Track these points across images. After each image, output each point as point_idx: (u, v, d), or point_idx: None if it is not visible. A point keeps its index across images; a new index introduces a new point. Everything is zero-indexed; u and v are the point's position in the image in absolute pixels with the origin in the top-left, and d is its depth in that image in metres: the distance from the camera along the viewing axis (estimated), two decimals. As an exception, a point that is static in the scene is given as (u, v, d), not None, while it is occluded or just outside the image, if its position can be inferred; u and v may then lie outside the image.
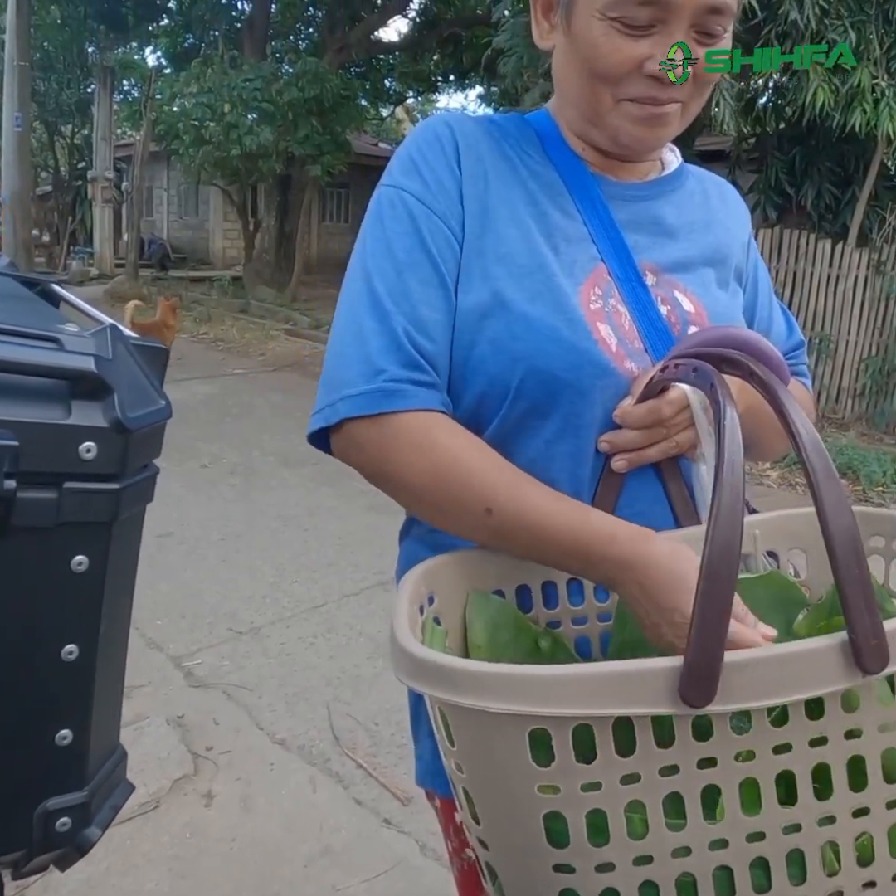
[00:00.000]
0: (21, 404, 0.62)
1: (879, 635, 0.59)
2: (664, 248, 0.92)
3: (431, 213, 0.86)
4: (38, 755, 0.66)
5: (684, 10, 0.77)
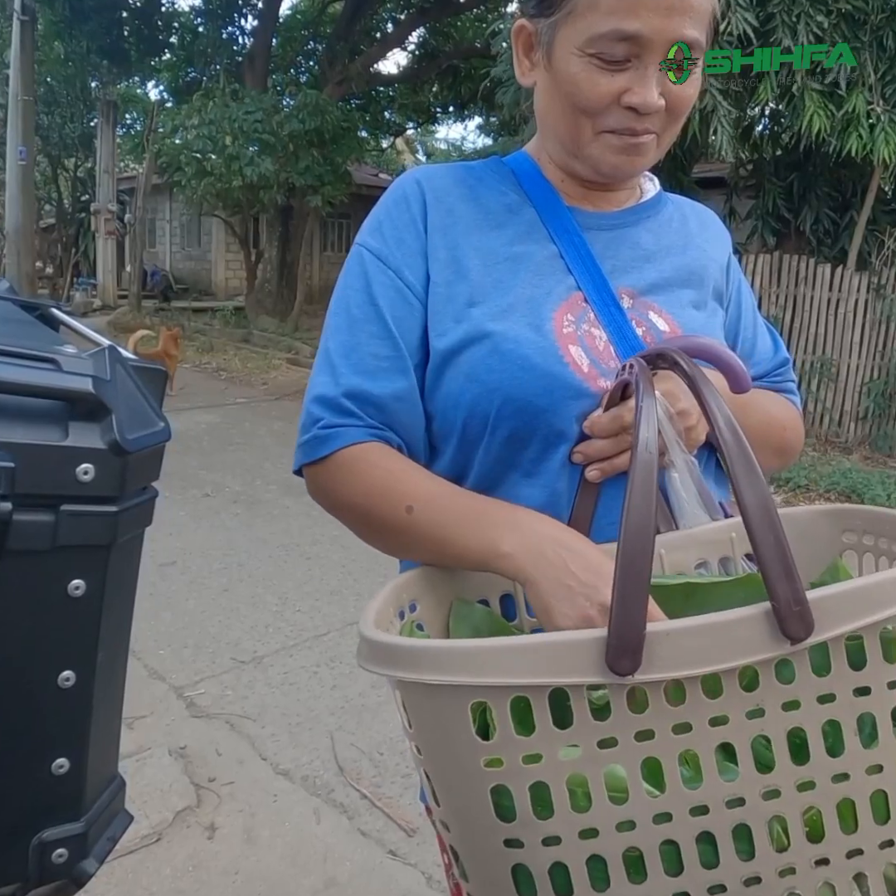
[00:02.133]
0: (18, 425, 0.61)
1: (801, 602, 0.59)
2: (641, 271, 0.96)
3: (386, 269, 0.93)
4: (34, 784, 0.65)
5: (657, 45, 0.82)
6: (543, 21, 0.88)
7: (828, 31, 5.59)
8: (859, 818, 0.65)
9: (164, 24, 15.58)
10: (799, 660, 0.62)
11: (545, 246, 0.94)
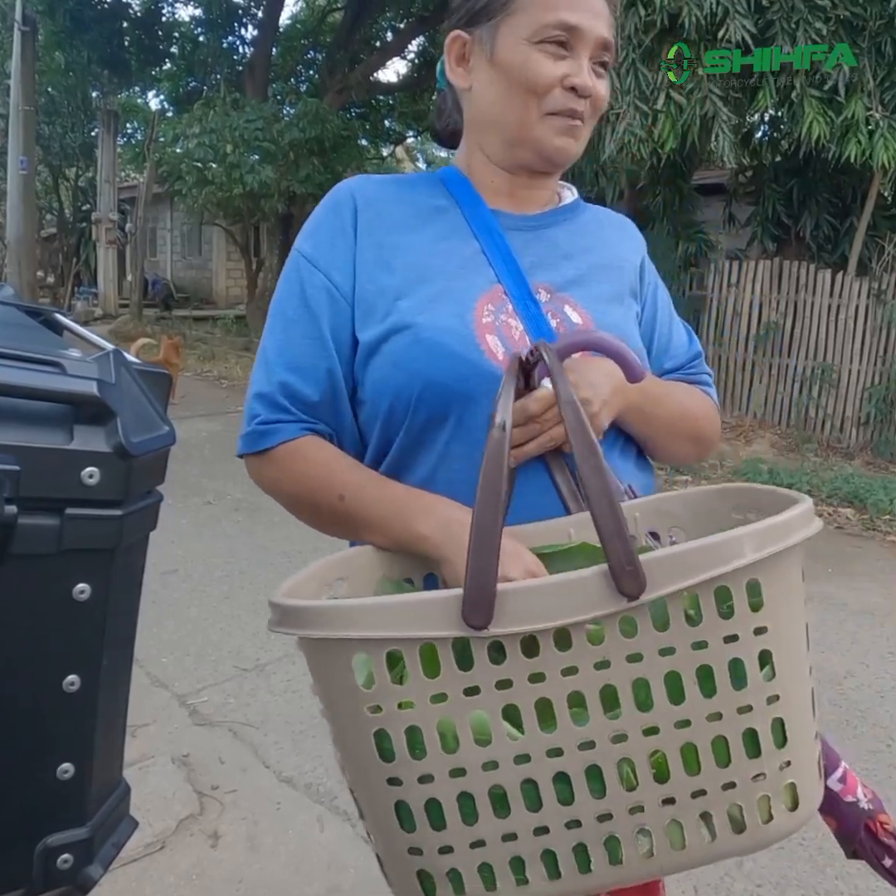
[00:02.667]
0: (23, 429, 0.61)
1: (632, 563, 0.66)
2: (558, 268, 1.05)
3: (317, 272, 1.02)
4: (39, 789, 0.65)
5: (589, 37, 0.98)
6: (483, 26, 1.01)
7: (826, 37, 5.61)
8: (702, 762, 0.70)
9: (165, 33, 15.64)
10: (640, 616, 0.68)
11: (469, 243, 1.03)
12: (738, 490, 0.95)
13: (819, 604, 4.00)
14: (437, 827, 0.72)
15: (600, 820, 0.71)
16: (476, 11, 1.01)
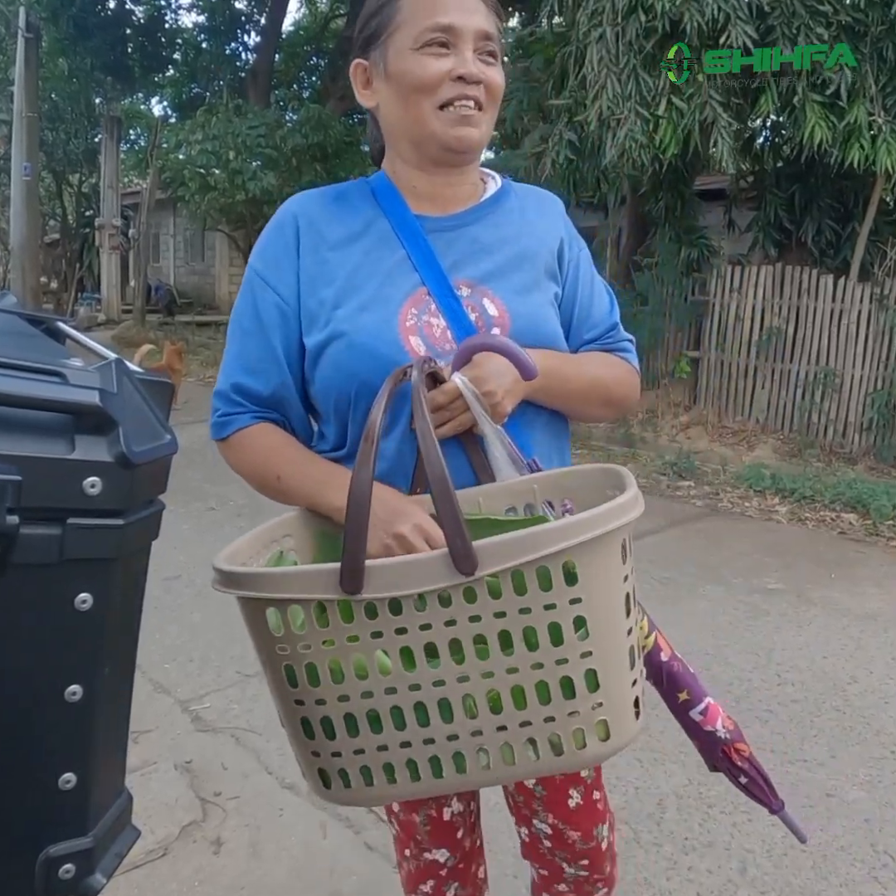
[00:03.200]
0: (25, 439, 0.61)
1: (467, 548, 0.84)
2: (479, 263, 1.17)
3: (266, 286, 1.17)
4: (41, 799, 0.64)
5: (467, 32, 1.09)
6: (376, 49, 1.14)
7: (828, 42, 5.61)
8: (527, 700, 0.90)
9: (168, 40, 15.70)
10: (478, 587, 0.86)
11: (396, 251, 1.15)
12: (614, 471, 1.12)
13: (822, 609, 3.99)
14: (330, 738, 0.94)
15: (449, 739, 0.92)
16: (368, 38, 1.15)
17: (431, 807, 1.36)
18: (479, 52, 1.11)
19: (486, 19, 1.12)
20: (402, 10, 1.11)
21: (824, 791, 2.56)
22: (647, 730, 2.81)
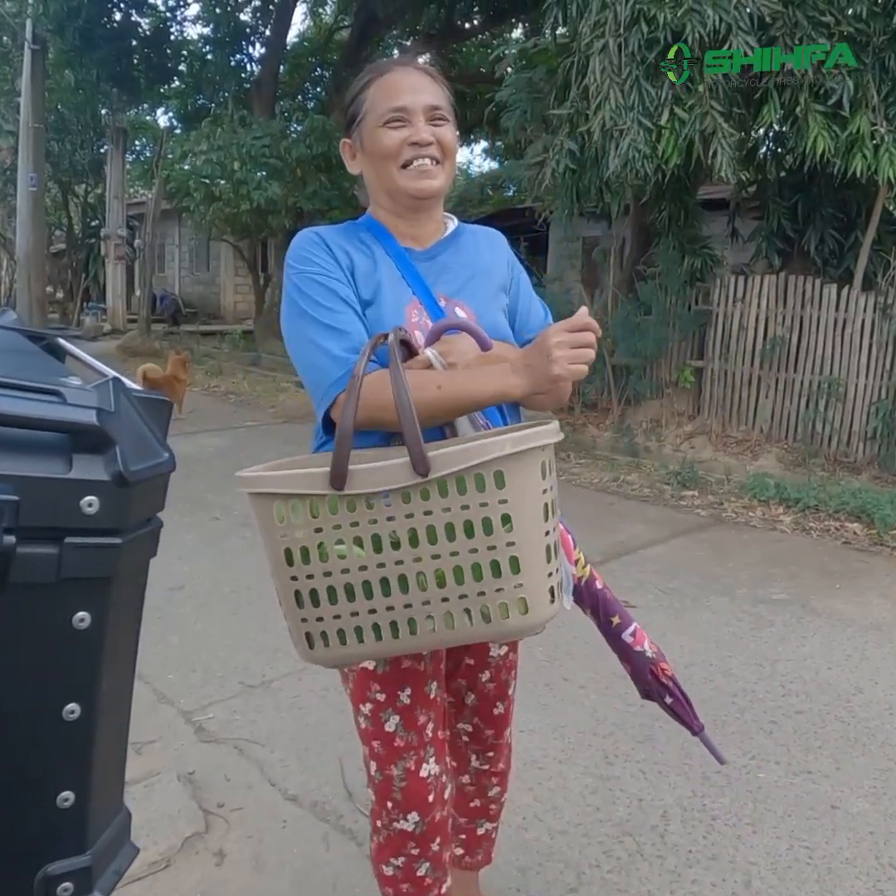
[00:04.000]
0: (22, 458, 0.61)
1: (423, 455, 1.14)
2: (450, 283, 1.52)
3: (334, 279, 1.44)
4: (39, 818, 0.65)
5: (416, 108, 1.44)
6: (355, 129, 1.50)
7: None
8: (465, 578, 1.17)
9: (173, 52, 15.74)
10: (431, 487, 1.15)
11: (394, 272, 1.49)
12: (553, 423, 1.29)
13: (827, 620, 3.98)
14: (315, 605, 1.23)
15: (405, 607, 1.20)
16: (349, 122, 1.52)
17: (411, 758, 1.54)
18: (430, 120, 1.45)
19: (432, 95, 1.47)
20: (369, 99, 1.47)
21: (829, 803, 2.55)
22: (650, 741, 2.83)
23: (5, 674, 0.63)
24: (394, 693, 1.52)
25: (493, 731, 1.76)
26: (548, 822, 2.43)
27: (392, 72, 1.49)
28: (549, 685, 3.27)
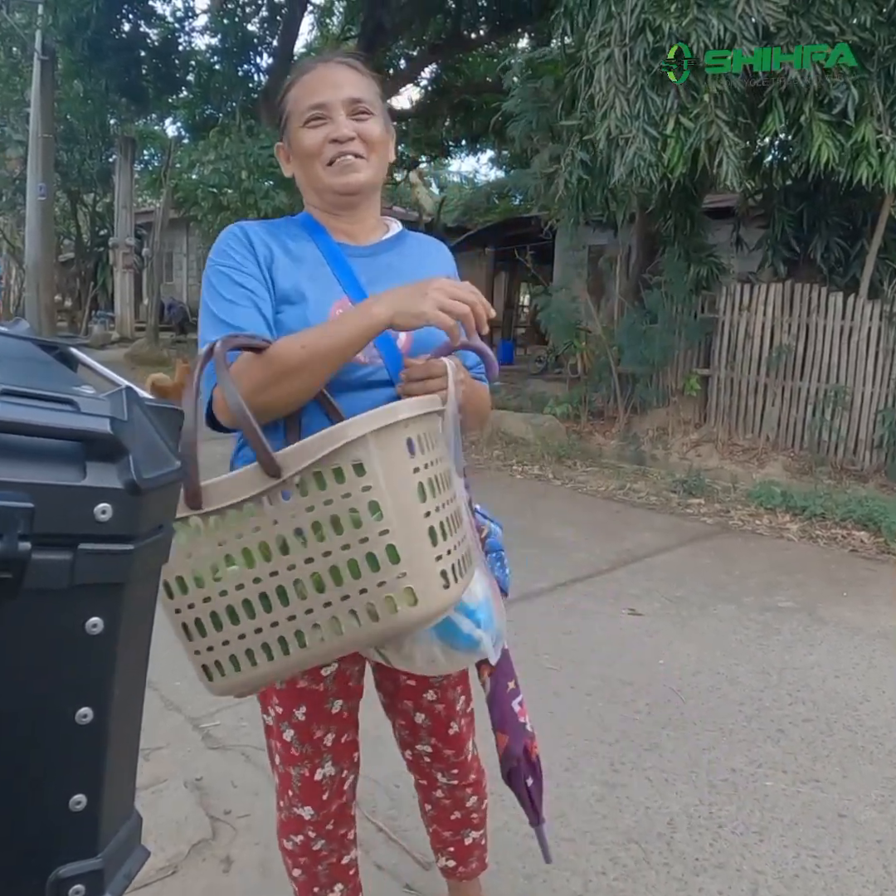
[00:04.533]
0: (37, 466, 0.62)
1: (269, 456, 1.07)
2: (387, 283, 1.37)
3: (244, 273, 1.40)
4: (52, 820, 0.65)
5: (335, 104, 1.40)
6: (284, 134, 1.49)
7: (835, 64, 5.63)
8: (343, 577, 1.08)
9: (182, 62, 15.83)
10: (291, 488, 1.08)
11: (324, 268, 1.44)
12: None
13: (834, 628, 3.97)
14: (203, 635, 1.14)
15: (289, 620, 1.11)
16: (279, 127, 1.50)
17: (305, 766, 1.58)
18: (352, 114, 1.41)
19: (354, 87, 1.42)
20: (290, 100, 1.45)
21: (836, 811, 2.55)
22: (657, 749, 2.82)
23: (18, 678, 0.64)
24: (289, 710, 1.54)
25: (454, 751, 1.72)
26: (554, 830, 2.43)
27: (313, 70, 1.45)
28: (556, 693, 3.27)
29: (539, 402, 9.13)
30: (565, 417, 8.60)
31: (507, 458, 7.82)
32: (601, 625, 3.98)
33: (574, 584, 4.54)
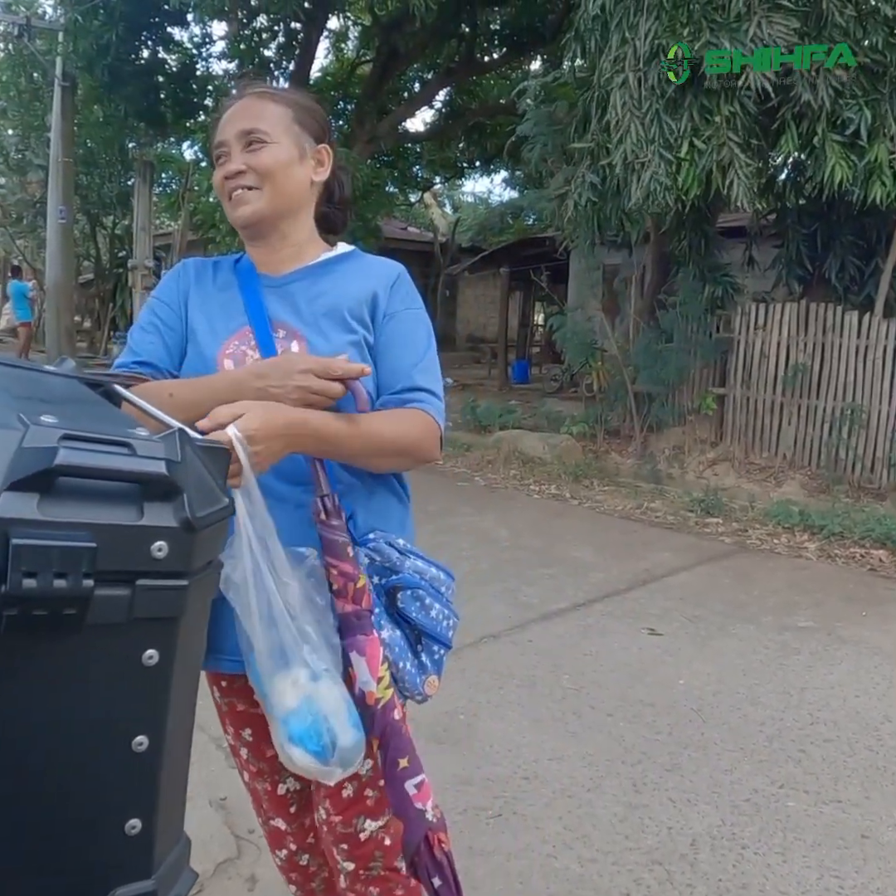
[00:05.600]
0: (98, 507, 0.66)
1: None
2: (295, 312, 1.42)
3: (162, 303, 1.49)
4: (109, 843, 0.69)
5: (231, 140, 1.40)
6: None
7: (847, 83, 5.67)
8: None
9: (199, 87, 16.01)
10: None
11: (235, 300, 1.44)
12: None
13: (854, 647, 3.96)
14: None
15: None
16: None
17: (266, 781, 1.58)
18: (246, 147, 1.39)
19: (250, 119, 1.40)
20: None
21: (859, 832, 2.55)
22: (679, 769, 2.83)
23: (80, 707, 0.67)
24: (237, 731, 1.56)
25: (341, 818, 1.44)
26: (577, 851, 2.44)
27: (225, 107, 1.46)
28: (577, 713, 3.28)
29: (555, 422, 9.14)
30: (581, 436, 8.61)
31: (524, 478, 7.83)
32: (621, 645, 3.98)
33: (593, 605, 4.54)
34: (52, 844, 0.66)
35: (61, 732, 0.65)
